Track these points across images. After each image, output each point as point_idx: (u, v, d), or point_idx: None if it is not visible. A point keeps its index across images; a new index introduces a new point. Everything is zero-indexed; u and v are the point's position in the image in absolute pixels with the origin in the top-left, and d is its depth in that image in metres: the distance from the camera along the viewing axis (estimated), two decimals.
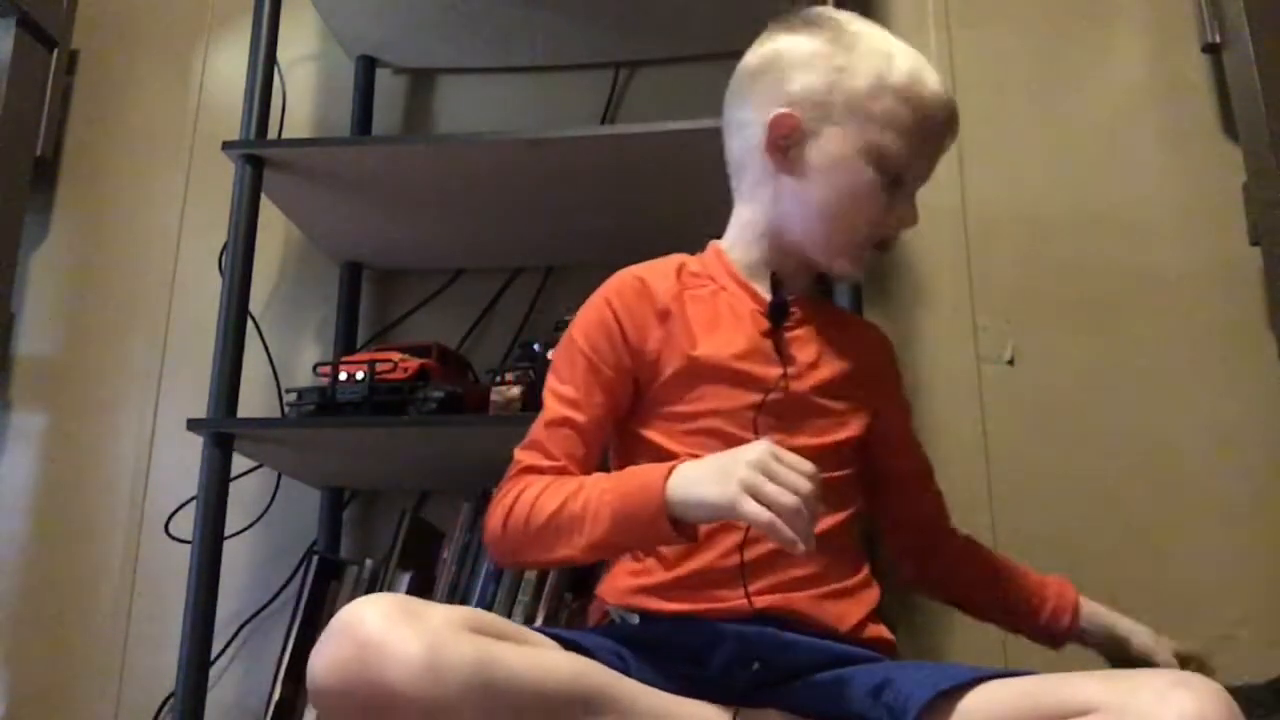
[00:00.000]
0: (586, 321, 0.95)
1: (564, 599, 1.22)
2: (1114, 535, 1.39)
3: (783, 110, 0.93)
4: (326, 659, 0.68)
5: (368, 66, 1.64)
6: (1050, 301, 1.48)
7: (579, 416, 0.91)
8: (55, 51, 1.70)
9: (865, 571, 0.94)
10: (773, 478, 0.74)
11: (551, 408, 0.92)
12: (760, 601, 0.84)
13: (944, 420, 1.43)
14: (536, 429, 0.92)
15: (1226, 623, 1.34)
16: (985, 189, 1.54)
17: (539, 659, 0.73)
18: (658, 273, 0.96)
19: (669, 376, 0.92)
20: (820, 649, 0.85)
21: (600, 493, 0.83)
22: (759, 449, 0.76)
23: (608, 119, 1.62)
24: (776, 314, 0.93)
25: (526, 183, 1.34)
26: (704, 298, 0.95)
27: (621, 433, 0.95)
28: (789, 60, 0.96)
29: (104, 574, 1.55)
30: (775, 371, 0.91)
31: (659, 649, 0.85)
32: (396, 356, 1.27)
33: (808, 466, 0.76)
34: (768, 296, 0.95)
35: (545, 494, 0.86)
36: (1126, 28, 1.58)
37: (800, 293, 0.98)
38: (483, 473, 1.11)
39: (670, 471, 0.80)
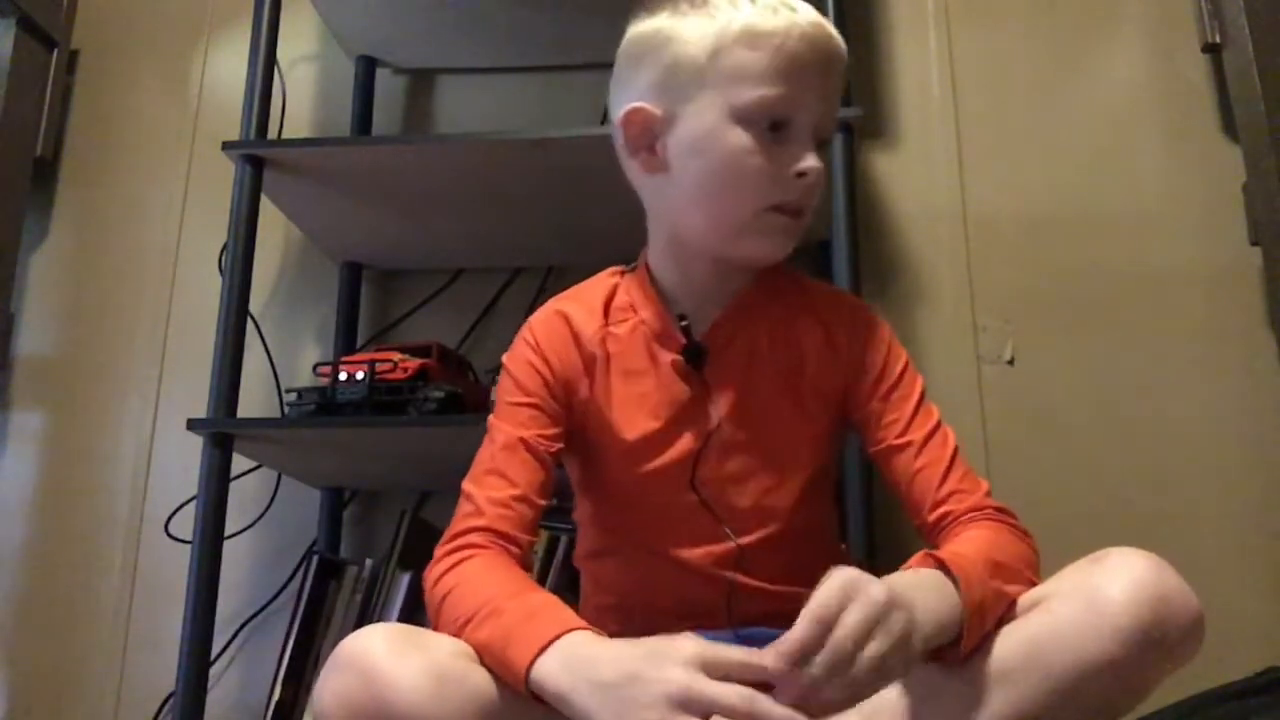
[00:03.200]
0: (515, 358, 0.91)
1: (564, 600, 1.22)
2: (1114, 535, 1.38)
3: (630, 107, 0.86)
4: (333, 689, 0.68)
5: (368, 66, 1.64)
6: (1050, 301, 1.49)
7: (527, 436, 0.86)
8: (55, 51, 1.70)
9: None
10: (703, 712, 0.59)
11: (500, 434, 0.87)
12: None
13: (944, 420, 1.43)
14: (487, 458, 0.86)
15: (1226, 622, 1.33)
16: (985, 189, 1.54)
17: None
18: (584, 306, 0.91)
19: (598, 448, 0.89)
20: None
21: (480, 631, 0.72)
22: (675, 676, 0.60)
23: (608, 119, 1.61)
24: (693, 360, 0.87)
25: (526, 183, 1.34)
26: (624, 338, 0.89)
27: (573, 451, 0.91)
28: (629, 51, 0.89)
29: (104, 574, 1.55)
30: (703, 424, 0.86)
31: None
32: (396, 356, 1.27)
33: (755, 666, 0.60)
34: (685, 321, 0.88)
35: (453, 597, 0.77)
36: (1126, 28, 1.58)
37: (724, 305, 0.89)
38: None
39: (550, 643, 0.67)
